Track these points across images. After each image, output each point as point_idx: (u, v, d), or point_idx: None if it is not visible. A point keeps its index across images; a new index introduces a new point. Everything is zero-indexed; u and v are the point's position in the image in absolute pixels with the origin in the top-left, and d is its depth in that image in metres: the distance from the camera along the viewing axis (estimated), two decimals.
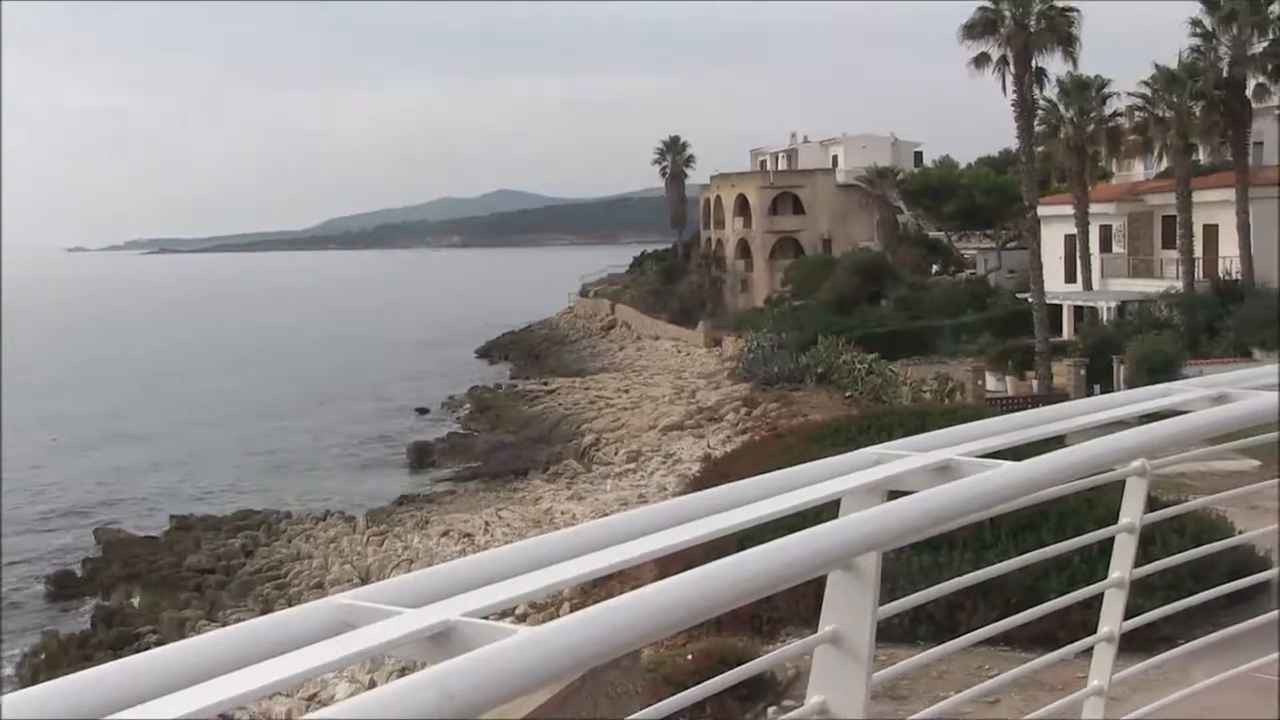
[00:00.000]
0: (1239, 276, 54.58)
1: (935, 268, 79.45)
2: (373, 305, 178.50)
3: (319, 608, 2.02)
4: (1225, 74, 55.46)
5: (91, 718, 1.62)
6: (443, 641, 1.92)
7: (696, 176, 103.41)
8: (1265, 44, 54.94)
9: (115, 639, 31.94)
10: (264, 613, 2.12)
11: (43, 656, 31.21)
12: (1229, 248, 55.82)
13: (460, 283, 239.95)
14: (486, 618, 2.00)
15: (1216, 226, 56.80)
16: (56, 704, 1.66)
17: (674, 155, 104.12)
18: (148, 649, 1.96)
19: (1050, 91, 57.60)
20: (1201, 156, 58.85)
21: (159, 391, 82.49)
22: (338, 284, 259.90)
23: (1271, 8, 54.67)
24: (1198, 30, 55.93)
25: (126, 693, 1.69)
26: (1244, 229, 54.12)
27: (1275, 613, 4.38)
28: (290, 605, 1.98)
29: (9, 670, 31.14)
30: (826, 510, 2.66)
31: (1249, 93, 55.69)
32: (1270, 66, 55.19)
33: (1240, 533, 7.28)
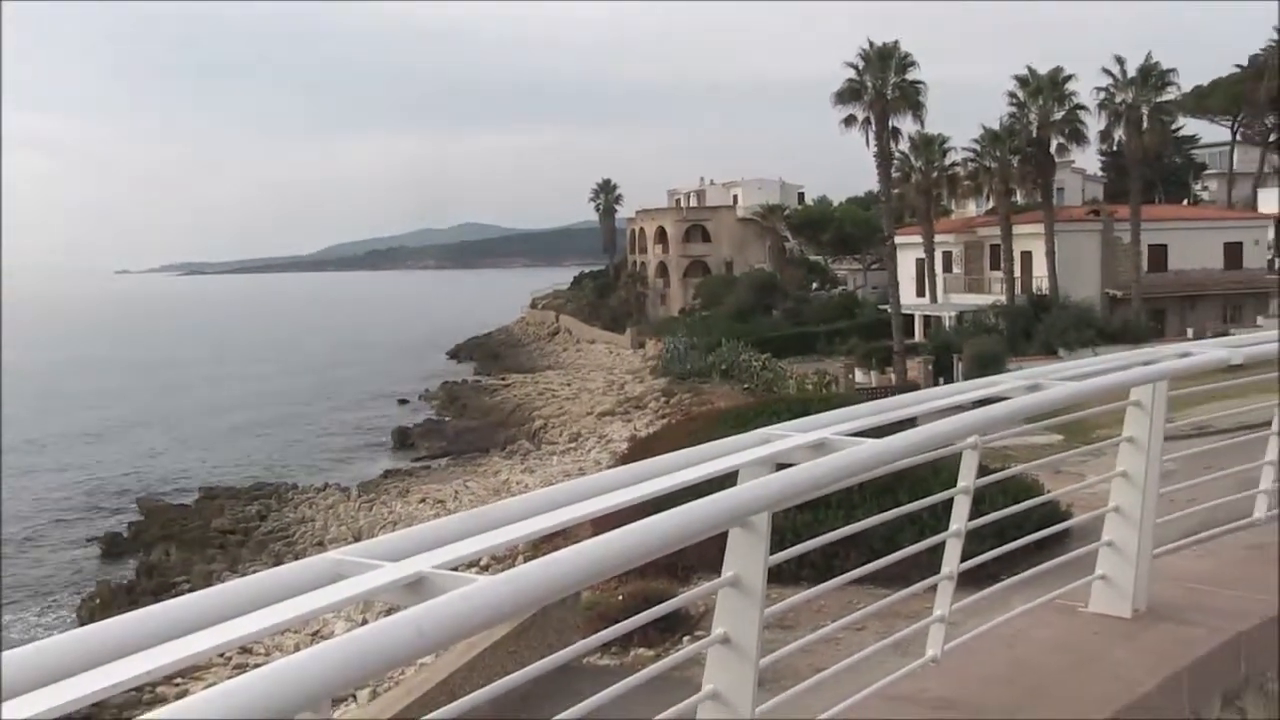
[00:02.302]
0: (1047, 292, 55.57)
1: (815, 285, 79.98)
2: (363, 317, 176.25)
3: (316, 562, 1.99)
4: (1034, 135, 56.56)
5: (140, 650, 1.61)
6: (417, 589, 1.90)
7: (624, 211, 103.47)
8: (1063, 113, 56.34)
9: (155, 587, 31.42)
10: (276, 565, 2.08)
11: (97, 601, 30.78)
12: (1040, 269, 56.83)
13: (434, 298, 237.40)
14: (455, 569, 1.98)
15: (1030, 253, 57.79)
16: (116, 636, 1.64)
17: (606, 195, 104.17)
18: (181, 595, 1.92)
19: (903, 146, 58.35)
20: (1019, 198, 59.89)
21: (191, 391, 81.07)
22: (335, 299, 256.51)
23: (1067, 86, 56.00)
24: (1014, 101, 57.08)
25: (166, 630, 1.68)
26: (1050, 255, 55.24)
27: (1073, 553, 4.45)
28: (296, 560, 1.95)
29: (68, 614, 30.69)
30: (728, 479, 2.66)
31: (1053, 150, 57.01)
32: (1067, 130, 56.61)
33: (1048, 492, 7.39)
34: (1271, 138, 72.02)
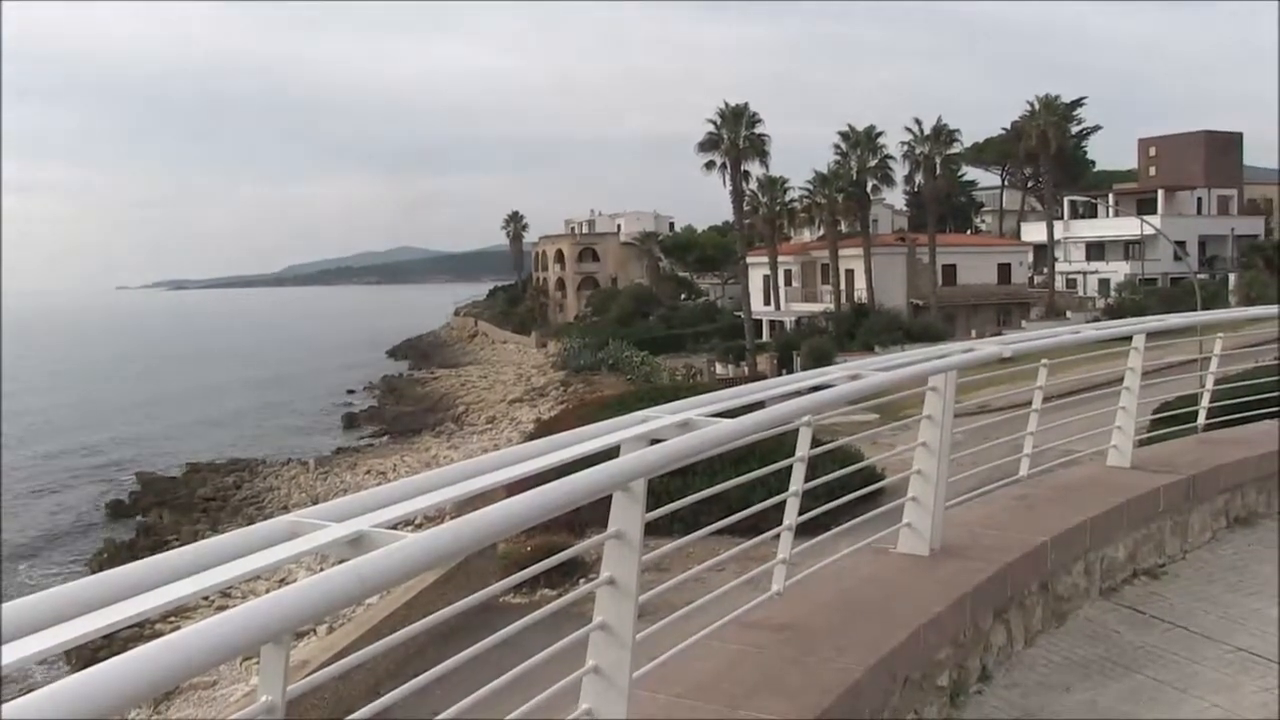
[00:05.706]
0: (866, 301, 56.91)
1: (683, 296, 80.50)
2: (317, 324, 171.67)
3: (277, 522, 1.95)
4: (855, 178, 57.85)
5: (140, 594, 1.61)
6: (358, 544, 1.87)
7: (530, 237, 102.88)
8: (875, 161, 57.80)
9: (151, 545, 30.52)
10: (247, 526, 2.03)
11: (105, 555, 29.96)
12: (860, 284, 58.19)
13: (375, 308, 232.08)
14: (395, 527, 1.95)
15: (853, 271, 59.10)
16: (120, 583, 1.63)
17: (515, 224, 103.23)
18: (172, 550, 1.89)
19: (753, 185, 59.09)
20: (843, 228, 61.21)
21: (180, 384, 77.88)
22: (294, 310, 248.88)
23: (879, 140, 57.51)
24: (838, 150, 58.34)
25: (160, 579, 1.67)
26: (868, 272, 56.62)
27: (885, 507, 4.56)
28: (264, 521, 1.90)
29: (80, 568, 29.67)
30: (613, 452, 2.66)
31: (869, 190, 58.37)
32: (880, 175, 58.13)
33: (867, 459, 7.57)
34: (1029, 184, 75.15)
